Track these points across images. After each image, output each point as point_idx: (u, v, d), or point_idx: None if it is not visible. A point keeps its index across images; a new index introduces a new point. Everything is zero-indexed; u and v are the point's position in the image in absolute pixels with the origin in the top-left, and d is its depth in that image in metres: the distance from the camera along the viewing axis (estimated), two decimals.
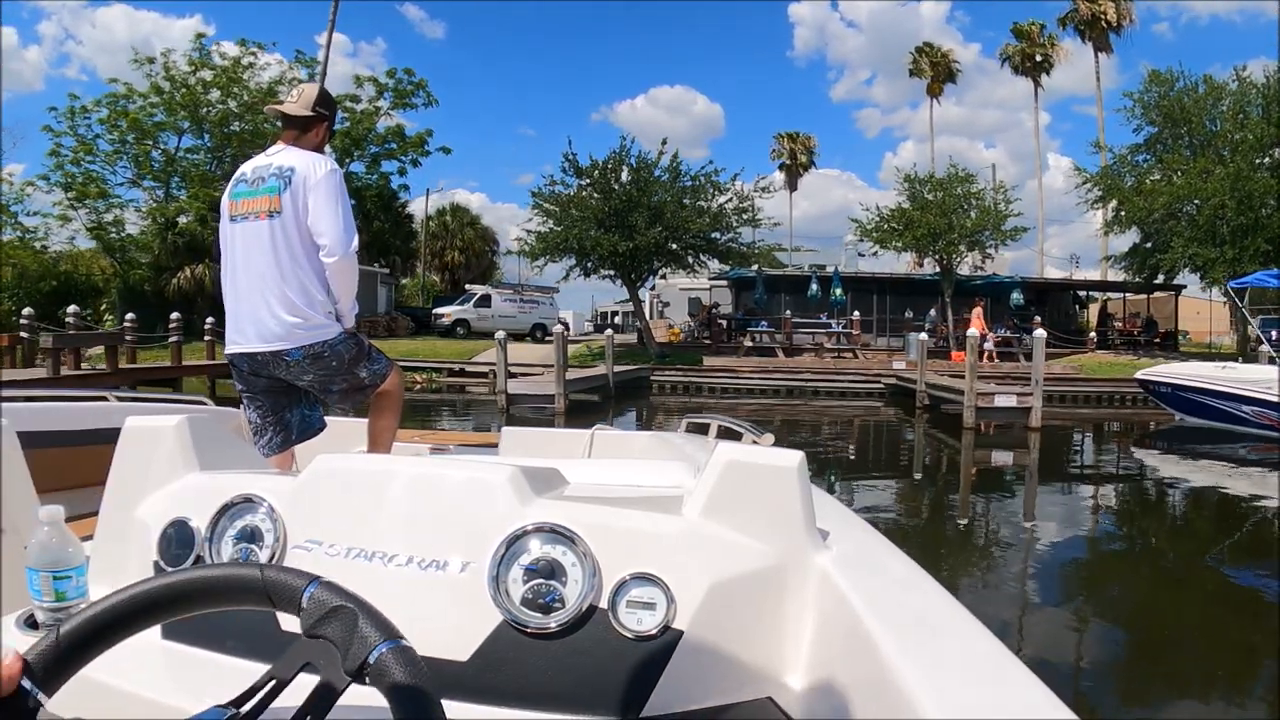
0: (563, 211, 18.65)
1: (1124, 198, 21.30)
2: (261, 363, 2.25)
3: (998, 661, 0.76)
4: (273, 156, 2.28)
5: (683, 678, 0.93)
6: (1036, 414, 10.74)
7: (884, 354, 21.44)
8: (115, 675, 0.79)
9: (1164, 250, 20.68)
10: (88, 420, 2.36)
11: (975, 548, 5.92)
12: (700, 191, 18.89)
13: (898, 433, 13.59)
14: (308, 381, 2.31)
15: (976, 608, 0.92)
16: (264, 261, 2.20)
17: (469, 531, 1.01)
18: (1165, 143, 21.76)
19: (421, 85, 31.68)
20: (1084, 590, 4.99)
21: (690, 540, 1.01)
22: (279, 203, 2.19)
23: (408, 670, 0.58)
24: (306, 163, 2.23)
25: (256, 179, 2.24)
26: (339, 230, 2.20)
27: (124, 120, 27.03)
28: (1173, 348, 24.27)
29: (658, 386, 17.81)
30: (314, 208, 2.19)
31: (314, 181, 2.20)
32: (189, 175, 28.66)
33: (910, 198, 20.92)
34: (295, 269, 2.21)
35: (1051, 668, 3.46)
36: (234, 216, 2.27)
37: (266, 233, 2.20)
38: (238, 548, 1.07)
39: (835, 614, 0.93)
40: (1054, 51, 39.46)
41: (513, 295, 26.81)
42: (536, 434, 2.66)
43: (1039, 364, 10.89)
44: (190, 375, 14.74)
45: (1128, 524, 7.11)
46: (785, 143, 47.72)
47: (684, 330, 26.01)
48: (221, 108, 28.21)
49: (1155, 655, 3.92)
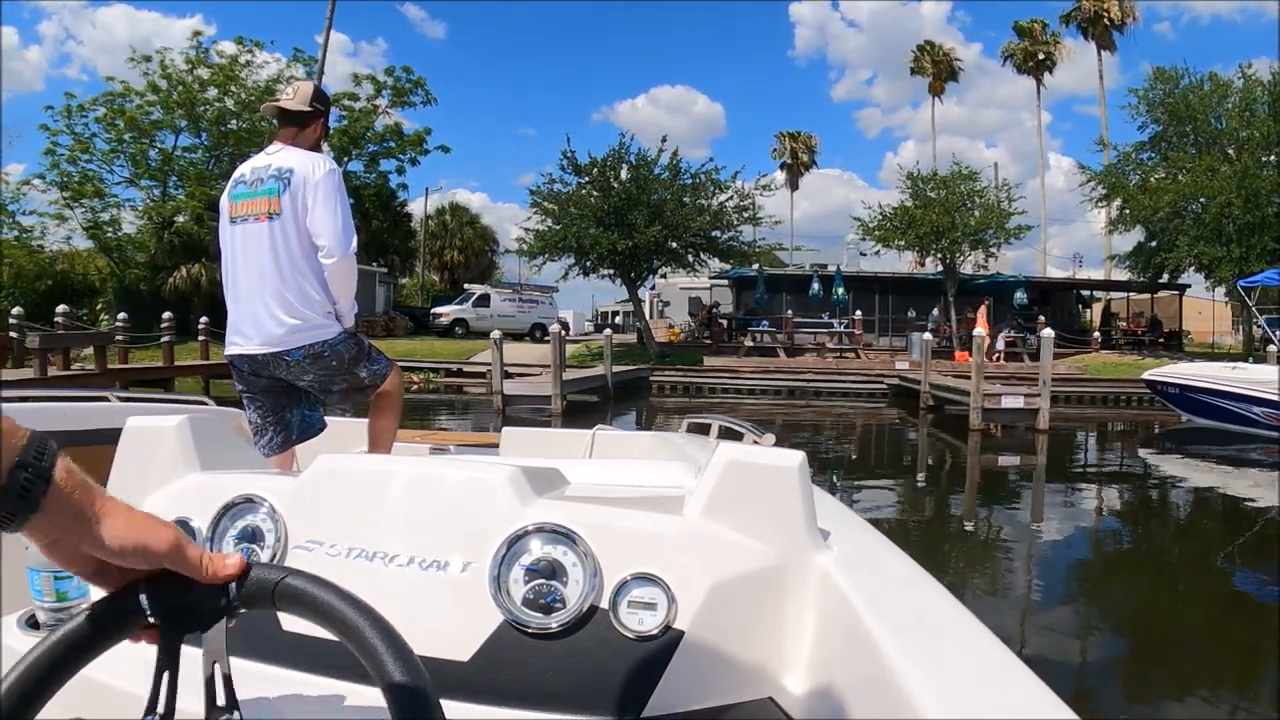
0: (561, 210, 18.41)
1: (1129, 196, 21.07)
2: (262, 363, 2.26)
3: (999, 662, 0.75)
4: (271, 157, 2.27)
5: (683, 678, 0.93)
6: (1044, 415, 10.50)
7: (886, 354, 21.21)
8: (115, 675, 0.76)
9: (1169, 249, 20.47)
10: (89, 420, 2.30)
11: (981, 553, 5.73)
12: (700, 189, 18.65)
13: (901, 434, 13.37)
14: (308, 382, 2.32)
15: (985, 615, 0.88)
16: (263, 263, 2.21)
17: (470, 532, 1.01)
18: (1170, 140, 21.55)
19: (420, 83, 31.56)
20: (1092, 596, 4.84)
21: (691, 540, 1.01)
22: (278, 204, 2.19)
23: (272, 572, 0.62)
24: (305, 163, 2.23)
25: (255, 180, 2.24)
26: (338, 231, 2.20)
27: (121, 119, 26.87)
28: (1177, 348, 24.10)
29: (657, 387, 17.59)
30: (313, 208, 2.20)
31: (313, 182, 2.20)
32: (186, 174, 28.56)
33: (913, 195, 20.65)
34: (294, 270, 2.21)
35: (1056, 670, 3.39)
36: (234, 218, 2.27)
37: (266, 234, 2.20)
38: (239, 548, 1.06)
39: (836, 614, 0.92)
40: (1056, 50, 39.32)
41: (512, 295, 26.64)
42: (537, 434, 2.65)
43: (1047, 365, 10.65)
44: (183, 375, 14.61)
45: (1137, 527, 6.91)
46: (786, 141, 47.60)
47: (684, 330, 25.84)
48: (218, 106, 28.03)
49: (1160, 657, 3.84)
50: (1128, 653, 3.89)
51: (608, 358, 15.23)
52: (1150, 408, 14.44)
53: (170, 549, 0.59)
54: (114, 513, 0.57)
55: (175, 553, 0.59)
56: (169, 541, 0.59)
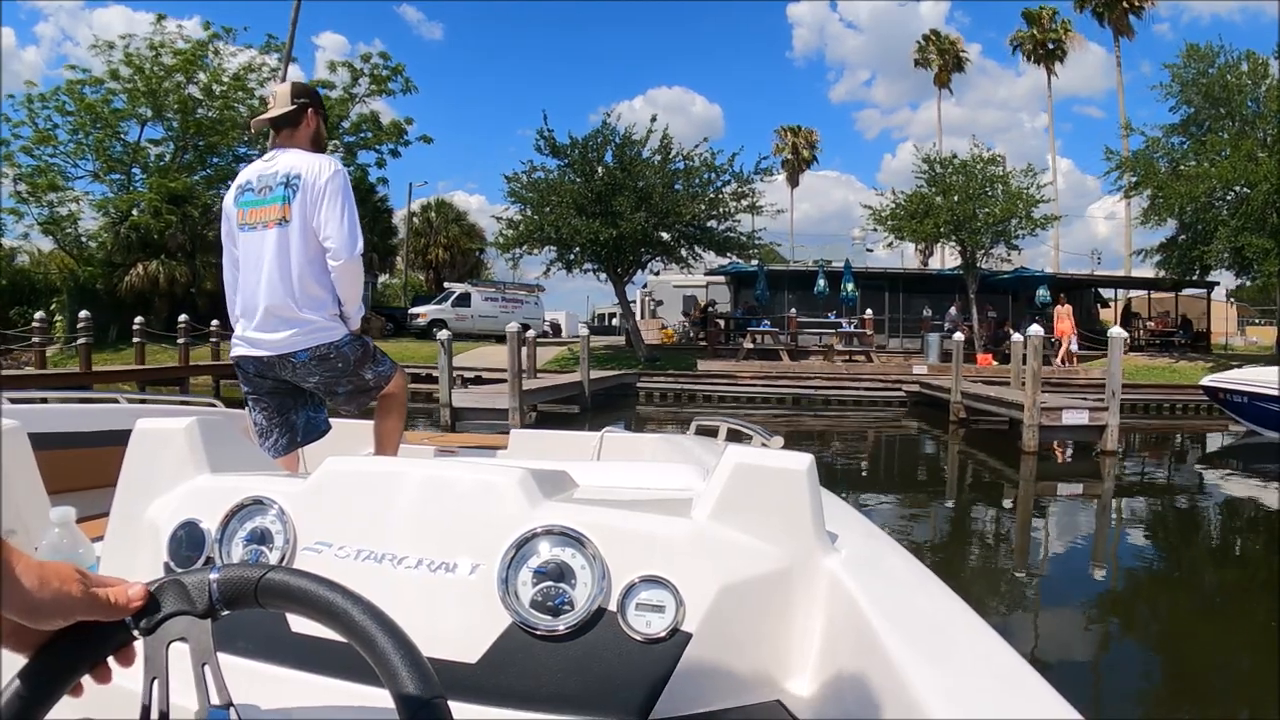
0: (540, 198, 16.46)
1: (1161, 184, 19.28)
2: (268, 365, 2.29)
3: (1010, 667, 0.75)
4: (274, 163, 2.29)
5: (691, 680, 0.94)
6: (1113, 433, 8.46)
7: (899, 356, 19.32)
8: (119, 675, 0.75)
9: (1206, 241, 18.72)
10: (98, 422, 2.38)
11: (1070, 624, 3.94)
12: (694, 174, 16.66)
13: (931, 454, 11.43)
14: (314, 383, 2.34)
15: None
16: (271, 267, 2.23)
17: (478, 534, 1.02)
18: (1204, 124, 19.82)
19: (399, 70, 30.33)
20: None
21: (699, 543, 1.01)
22: (289, 211, 2.23)
23: (250, 570, 0.62)
24: (312, 165, 2.25)
25: (264, 188, 2.28)
26: (344, 234, 2.23)
27: (77, 103, 25.42)
28: (1205, 349, 22.44)
29: (645, 394, 15.67)
30: (319, 211, 2.22)
31: (319, 185, 2.23)
32: (149, 167, 27.15)
33: (929, 181, 18.67)
34: (302, 274, 2.24)
35: None
36: (243, 225, 2.30)
37: (274, 240, 2.23)
38: (248, 549, 1.07)
39: (845, 617, 0.93)
40: (1067, 38, 37.78)
41: (494, 294, 24.91)
42: (545, 436, 2.68)
43: (1117, 372, 8.60)
44: (196, 376, 14.43)
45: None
46: (788, 136, 46.21)
47: (678, 331, 24.04)
48: (182, 93, 26.53)
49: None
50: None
51: (584, 361, 13.29)
52: (1204, 416, 12.67)
53: (84, 596, 0.57)
54: (23, 565, 0.53)
55: (89, 599, 0.57)
56: (81, 588, 0.56)
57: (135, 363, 15.02)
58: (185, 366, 14.64)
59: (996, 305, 20.48)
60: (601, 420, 12.56)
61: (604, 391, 14.27)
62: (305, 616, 0.62)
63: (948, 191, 17.90)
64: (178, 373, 14.49)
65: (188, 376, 14.61)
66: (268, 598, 0.62)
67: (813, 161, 47.79)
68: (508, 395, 9.16)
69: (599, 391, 13.83)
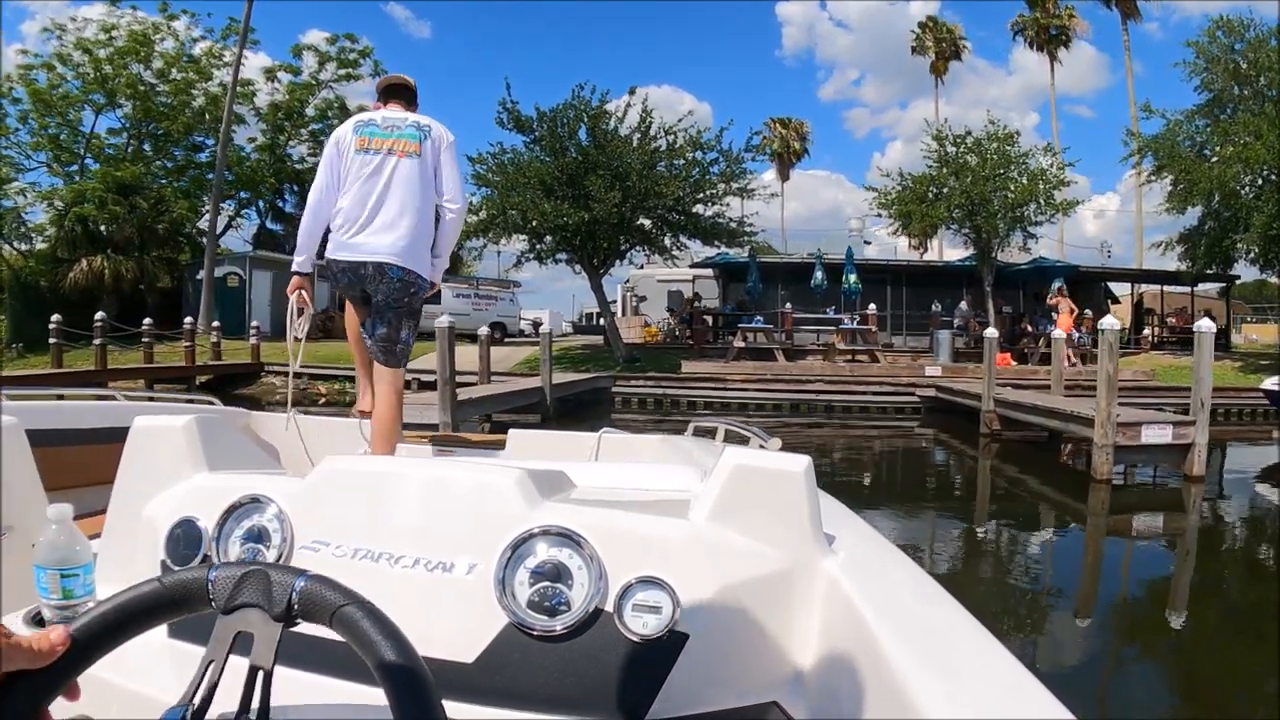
0: (507, 181, 14.62)
1: (1186, 167, 17.69)
2: (363, 276, 2.48)
3: (1010, 672, 0.74)
4: (398, 113, 2.60)
5: (688, 681, 0.93)
6: (1199, 455, 6.62)
7: (907, 355, 17.62)
8: (119, 674, 0.74)
9: (1236, 229, 17.17)
10: (96, 419, 2.34)
11: None
12: (678, 153, 14.85)
13: (962, 477, 9.48)
14: (380, 299, 2.51)
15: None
16: (405, 191, 2.51)
17: (475, 534, 1.01)
18: (1228, 106, 18.28)
19: (367, 53, 28.78)
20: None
21: (697, 544, 1.00)
22: (420, 148, 2.54)
23: (335, 593, 0.61)
24: (440, 127, 2.61)
25: (390, 125, 2.55)
26: (459, 188, 2.63)
27: (27, 90, 23.80)
28: (1226, 347, 20.93)
29: (622, 401, 13.94)
30: (444, 165, 2.60)
31: (446, 143, 2.61)
32: (101, 156, 25.46)
33: (940, 161, 16.91)
34: (424, 206, 2.55)
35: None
36: (362, 150, 2.52)
37: (410, 168, 2.52)
38: (245, 548, 1.06)
39: (842, 619, 0.92)
40: (1071, 23, 36.36)
41: (466, 290, 23.07)
42: (543, 436, 2.66)
43: (1206, 378, 6.65)
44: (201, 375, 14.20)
45: None
46: (777, 128, 44.70)
47: (663, 328, 22.27)
48: (131, 74, 24.82)
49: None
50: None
51: (546, 363, 11.50)
52: (1255, 422, 11.02)
53: (7, 648, 0.55)
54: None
55: (11, 650, 0.55)
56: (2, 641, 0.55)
57: (52, 366, 14.33)
58: (191, 366, 15.00)
59: (1008, 299, 18.82)
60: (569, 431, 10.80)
61: (573, 398, 12.51)
62: (354, 647, 0.61)
63: (960, 172, 16.14)
64: (185, 372, 14.80)
65: (194, 376, 14.85)
66: (340, 625, 0.60)
67: (803, 155, 46.37)
68: (437, 407, 7.36)
69: (566, 398, 12.07)
